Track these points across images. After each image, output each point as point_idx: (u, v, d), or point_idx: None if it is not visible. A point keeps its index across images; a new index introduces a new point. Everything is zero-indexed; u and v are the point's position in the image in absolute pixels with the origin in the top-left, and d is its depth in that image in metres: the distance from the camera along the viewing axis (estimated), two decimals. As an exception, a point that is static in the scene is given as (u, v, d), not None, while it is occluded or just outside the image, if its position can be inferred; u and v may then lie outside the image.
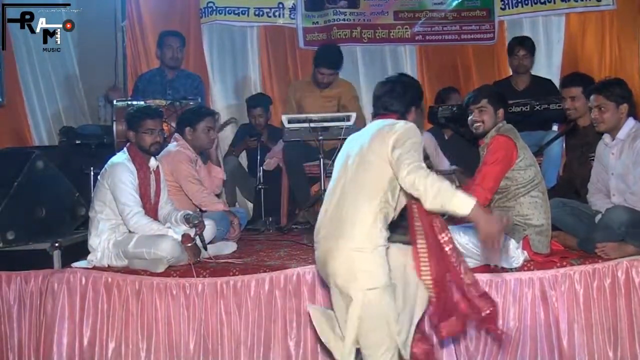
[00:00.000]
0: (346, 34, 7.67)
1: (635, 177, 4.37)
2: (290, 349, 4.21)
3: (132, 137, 4.61)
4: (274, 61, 7.77)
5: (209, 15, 7.58)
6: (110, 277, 4.39)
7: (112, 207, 4.52)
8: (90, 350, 4.34)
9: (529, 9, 7.63)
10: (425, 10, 7.69)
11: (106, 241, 4.53)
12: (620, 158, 4.49)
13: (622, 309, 4.13)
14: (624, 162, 4.45)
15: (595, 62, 7.40)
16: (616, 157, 4.52)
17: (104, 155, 4.76)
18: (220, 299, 4.27)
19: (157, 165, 4.71)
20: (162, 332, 4.30)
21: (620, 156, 4.50)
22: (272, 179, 6.38)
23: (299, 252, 4.91)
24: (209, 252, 4.65)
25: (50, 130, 7.20)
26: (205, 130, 5.22)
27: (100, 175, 4.64)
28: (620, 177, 4.48)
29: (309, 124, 5.66)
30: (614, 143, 4.54)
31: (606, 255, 4.22)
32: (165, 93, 6.36)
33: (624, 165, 4.46)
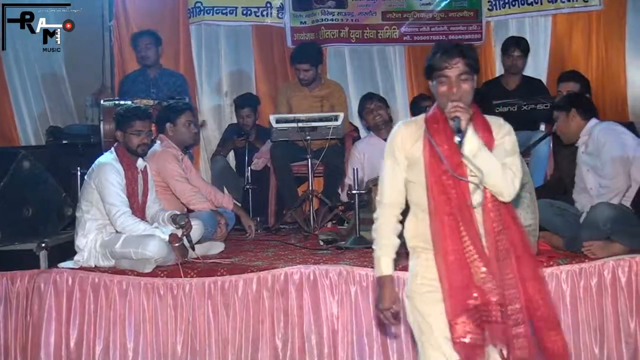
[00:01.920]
0: (334, 34, 7.67)
1: (603, 162, 4.44)
2: (277, 349, 4.20)
3: (120, 137, 4.60)
4: (262, 61, 7.76)
5: (197, 15, 7.56)
6: (97, 278, 4.38)
7: (99, 207, 4.50)
8: (77, 351, 4.33)
9: (516, 9, 7.64)
10: (413, 10, 7.70)
11: (93, 241, 4.51)
12: (587, 151, 4.60)
13: (609, 308, 4.16)
14: (591, 154, 4.55)
15: (581, 63, 7.41)
16: (584, 152, 4.63)
17: (91, 155, 4.76)
18: (208, 299, 4.26)
19: (145, 165, 4.69)
20: (149, 332, 4.29)
21: (586, 150, 4.61)
22: (260, 179, 6.38)
23: (286, 252, 4.92)
24: (197, 252, 4.64)
25: (37, 130, 7.19)
26: (185, 124, 5.24)
27: (87, 175, 4.62)
28: (593, 170, 4.55)
29: (297, 124, 5.66)
30: (581, 141, 4.65)
31: (593, 254, 4.24)
32: (149, 92, 6.37)
33: (591, 157, 4.54)
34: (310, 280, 4.22)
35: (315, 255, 4.68)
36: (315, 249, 4.97)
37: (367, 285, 4.16)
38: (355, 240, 4.92)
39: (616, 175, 4.39)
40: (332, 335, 4.17)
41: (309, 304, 4.19)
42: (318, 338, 4.18)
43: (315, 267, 4.27)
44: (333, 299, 4.19)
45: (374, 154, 6.00)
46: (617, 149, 4.43)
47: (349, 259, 4.50)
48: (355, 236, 4.95)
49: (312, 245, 5.11)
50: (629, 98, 7.30)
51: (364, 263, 4.31)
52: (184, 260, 4.48)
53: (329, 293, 4.20)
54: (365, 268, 4.21)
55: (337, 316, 4.18)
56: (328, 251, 4.87)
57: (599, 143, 4.48)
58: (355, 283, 4.18)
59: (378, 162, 5.91)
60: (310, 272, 4.23)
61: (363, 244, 4.85)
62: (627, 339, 4.15)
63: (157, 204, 4.78)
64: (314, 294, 4.20)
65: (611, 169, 4.40)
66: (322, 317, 4.18)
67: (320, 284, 4.21)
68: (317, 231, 5.53)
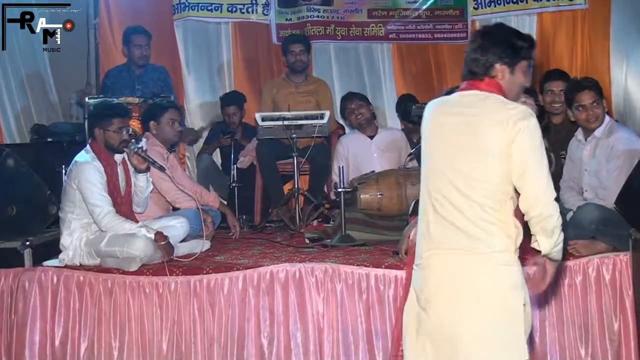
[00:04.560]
0: (320, 31, 7.66)
1: (609, 172, 4.43)
2: (263, 347, 4.20)
3: (99, 134, 4.55)
4: (247, 57, 7.76)
5: (182, 12, 7.53)
6: (82, 276, 4.36)
7: (83, 207, 4.47)
8: (62, 350, 4.31)
9: (501, 8, 7.67)
10: (399, 8, 7.71)
11: (78, 240, 4.49)
12: (595, 155, 4.55)
13: (593, 305, 4.18)
14: (598, 159, 4.51)
15: (566, 61, 7.45)
16: (590, 153, 4.58)
17: (76, 153, 4.72)
18: (194, 297, 4.25)
19: (123, 157, 4.66)
20: (134, 330, 4.27)
21: (594, 153, 4.56)
22: (246, 177, 6.37)
23: (272, 250, 4.92)
24: (182, 251, 4.65)
25: (21, 127, 7.13)
26: (169, 122, 5.24)
27: (66, 176, 4.58)
28: (594, 174, 4.54)
29: (283, 121, 5.67)
30: (588, 140, 4.59)
31: (577, 253, 4.26)
32: (134, 89, 6.34)
33: (598, 162, 4.52)
34: (296, 279, 4.22)
35: (301, 254, 4.68)
36: (301, 247, 4.97)
37: (352, 283, 4.17)
38: (341, 238, 4.92)
39: (618, 188, 4.35)
40: (317, 333, 4.17)
41: (294, 302, 4.19)
42: (304, 336, 4.18)
43: (301, 265, 4.27)
44: (319, 297, 4.19)
45: (358, 150, 6.03)
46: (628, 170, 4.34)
47: (335, 257, 4.50)
48: (341, 234, 4.95)
49: (298, 244, 5.11)
50: (613, 97, 7.34)
51: (350, 261, 4.31)
52: (170, 258, 4.47)
53: (315, 291, 4.20)
54: (350, 266, 4.22)
55: (322, 314, 4.18)
56: (314, 249, 4.86)
57: (616, 157, 4.42)
58: (341, 281, 4.19)
59: (362, 158, 5.99)
60: (296, 270, 4.23)
61: (349, 242, 4.86)
62: (611, 336, 4.18)
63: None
64: (299, 292, 4.20)
65: (615, 184, 4.37)
66: (307, 315, 4.18)
67: (306, 282, 4.21)
68: (303, 229, 5.53)
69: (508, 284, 2.65)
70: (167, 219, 4.89)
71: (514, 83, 2.74)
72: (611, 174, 4.43)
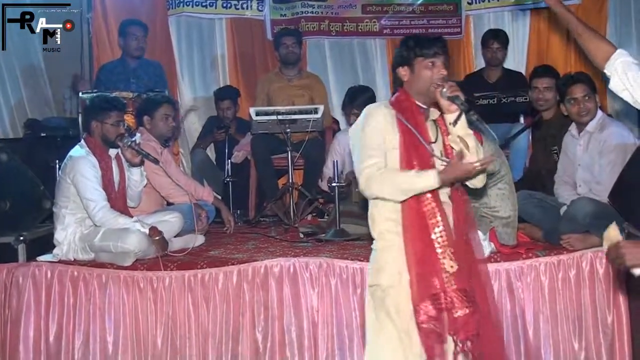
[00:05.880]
0: (314, 27, 7.67)
1: (601, 166, 4.44)
2: (258, 341, 4.20)
3: (96, 128, 4.55)
4: (241, 53, 7.75)
5: (176, 7, 7.54)
6: (77, 271, 4.35)
7: (77, 201, 4.46)
8: (57, 345, 4.30)
9: (495, 3, 7.70)
10: (393, 4, 7.73)
11: (72, 235, 4.48)
12: (588, 149, 4.57)
13: (587, 299, 4.19)
14: (591, 154, 4.53)
15: (560, 57, 7.47)
16: (583, 148, 4.60)
17: (70, 148, 4.70)
18: (188, 292, 4.25)
19: (117, 152, 4.65)
20: (129, 325, 4.27)
21: (587, 147, 4.58)
22: (240, 172, 6.38)
23: (266, 244, 4.91)
24: (176, 246, 4.64)
25: (14, 122, 7.10)
26: (163, 117, 5.23)
27: (61, 170, 4.58)
28: (587, 168, 4.55)
29: (277, 116, 5.66)
30: (581, 135, 4.61)
31: (571, 247, 4.27)
32: (129, 83, 6.32)
33: (590, 157, 4.53)
34: (291, 273, 4.22)
35: (295, 248, 4.68)
36: (296, 241, 4.97)
37: (347, 277, 4.17)
38: (336, 232, 4.92)
39: (611, 182, 4.36)
40: (312, 327, 4.18)
41: (289, 297, 4.19)
42: (298, 331, 4.18)
43: (295, 259, 4.27)
44: (313, 292, 4.19)
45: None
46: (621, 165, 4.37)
47: (329, 251, 4.50)
48: (335, 228, 4.95)
49: (293, 238, 5.11)
50: (608, 92, 7.34)
51: (344, 255, 4.32)
52: (164, 253, 4.46)
53: (309, 286, 4.20)
54: (345, 260, 4.22)
55: (317, 309, 4.18)
56: (308, 244, 4.86)
57: (608, 152, 4.45)
58: (335, 275, 4.19)
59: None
60: (291, 264, 4.23)
61: (343, 236, 4.86)
62: (605, 329, 4.18)
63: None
64: (294, 287, 4.20)
65: (608, 179, 4.39)
66: (302, 309, 4.19)
67: (301, 276, 4.21)
68: (298, 224, 5.54)
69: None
70: (161, 213, 4.88)
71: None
72: (604, 169, 4.45)
